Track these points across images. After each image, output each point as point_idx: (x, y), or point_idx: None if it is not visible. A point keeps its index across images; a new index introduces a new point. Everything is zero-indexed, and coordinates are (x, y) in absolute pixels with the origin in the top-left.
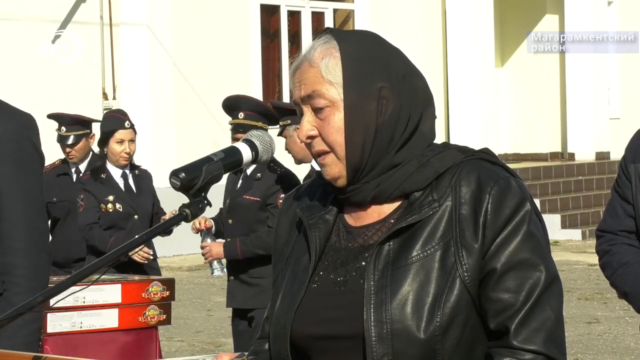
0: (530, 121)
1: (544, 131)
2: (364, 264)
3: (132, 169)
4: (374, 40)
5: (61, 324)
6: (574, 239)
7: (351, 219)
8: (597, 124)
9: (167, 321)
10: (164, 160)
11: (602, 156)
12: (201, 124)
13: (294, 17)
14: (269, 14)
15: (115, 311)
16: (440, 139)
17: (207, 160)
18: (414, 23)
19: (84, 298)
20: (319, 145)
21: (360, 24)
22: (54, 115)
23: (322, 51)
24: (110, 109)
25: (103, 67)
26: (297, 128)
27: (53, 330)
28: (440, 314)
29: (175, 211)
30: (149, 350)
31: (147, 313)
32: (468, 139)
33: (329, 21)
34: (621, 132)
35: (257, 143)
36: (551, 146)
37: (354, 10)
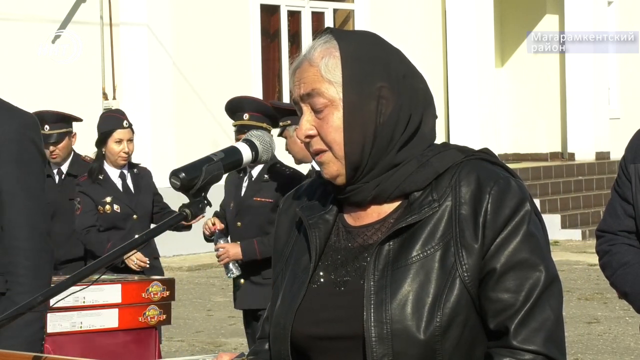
0: (530, 121)
1: (544, 131)
2: (363, 264)
3: (131, 168)
4: (374, 40)
5: (61, 324)
6: (574, 239)
7: (351, 219)
8: (597, 124)
9: (167, 321)
10: (164, 160)
11: (602, 156)
12: (201, 124)
13: (294, 17)
14: (269, 14)
15: (115, 311)
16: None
17: (207, 160)
18: (414, 23)
19: (84, 298)
20: (317, 144)
21: (360, 24)
22: (35, 113)
23: (322, 51)
24: (110, 109)
25: (103, 67)
26: (297, 128)
27: (53, 330)
28: (440, 314)
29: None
30: (149, 350)
31: (147, 313)
32: (468, 139)
33: (329, 21)
34: (621, 132)
35: (257, 143)
36: (551, 146)
37: (354, 10)
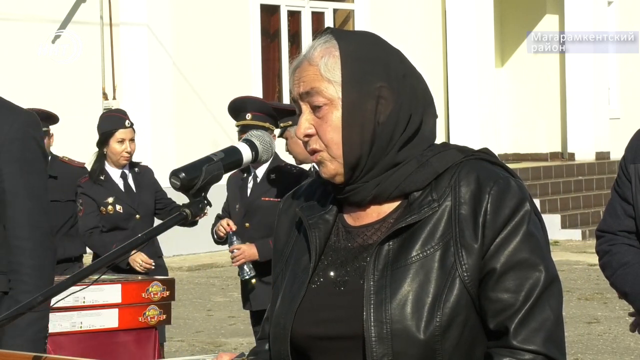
0: (530, 121)
1: (544, 131)
2: (363, 264)
3: (132, 167)
4: (374, 40)
5: (61, 324)
6: (574, 239)
7: (351, 219)
8: (597, 124)
9: (167, 321)
10: (164, 160)
11: (602, 156)
12: (201, 124)
13: (294, 17)
14: (269, 14)
15: (115, 311)
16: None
17: (207, 160)
18: (414, 23)
19: (84, 298)
20: (314, 144)
21: (360, 24)
22: None
23: (322, 50)
24: (110, 108)
25: (103, 67)
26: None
27: (53, 330)
28: (440, 314)
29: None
30: (149, 350)
31: (147, 313)
32: (468, 139)
33: (329, 21)
34: (621, 132)
35: (257, 143)
36: (551, 146)
37: (354, 10)
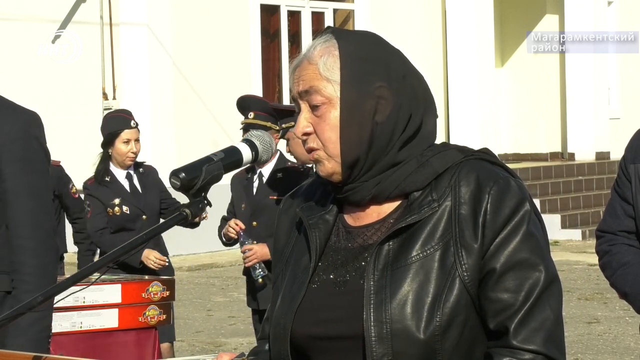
0: (530, 121)
1: (544, 131)
2: (363, 264)
3: (136, 167)
4: (374, 40)
5: (61, 324)
6: (574, 239)
7: (351, 219)
8: (597, 124)
9: (167, 321)
10: (164, 160)
11: (602, 156)
12: (201, 124)
13: (294, 17)
14: (269, 14)
15: (115, 311)
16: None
17: (207, 160)
18: (414, 23)
19: (84, 298)
20: (312, 142)
21: (360, 24)
22: None
23: (322, 49)
24: (110, 108)
25: (103, 67)
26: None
27: (53, 330)
28: (440, 314)
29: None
30: (149, 350)
31: (147, 313)
32: (468, 139)
33: (329, 21)
34: (621, 132)
35: (257, 143)
36: (551, 146)
37: (354, 10)
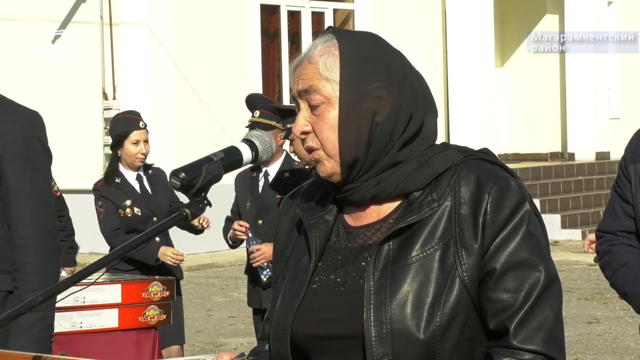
0: (530, 121)
1: (544, 131)
2: (363, 264)
3: (145, 169)
4: (375, 41)
5: (61, 324)
6: (574, 239)
7: (351, 219)
8: (597, 124)
9: (167, 321)
10: (164, 160)
11: (602, 156)
12: (201, 124)
13: (294, 17)
14: (269, 14)
15: (115, 311)
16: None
17: (207, 160)
18: (414, 23)
19: (84, 298)
20: (310, 141)
21: (360, 24)
22: None
23: (322, 49)
24: (110, 108)
25: (103, 67)
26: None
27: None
28: (440, 314)
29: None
30: (149, 351)
31: (147, 313)
32: (468, 139)
33: (329, 21)
34: (621, 132)
35: (257, 143)
36: (551, 146)
37: (354, 10)
